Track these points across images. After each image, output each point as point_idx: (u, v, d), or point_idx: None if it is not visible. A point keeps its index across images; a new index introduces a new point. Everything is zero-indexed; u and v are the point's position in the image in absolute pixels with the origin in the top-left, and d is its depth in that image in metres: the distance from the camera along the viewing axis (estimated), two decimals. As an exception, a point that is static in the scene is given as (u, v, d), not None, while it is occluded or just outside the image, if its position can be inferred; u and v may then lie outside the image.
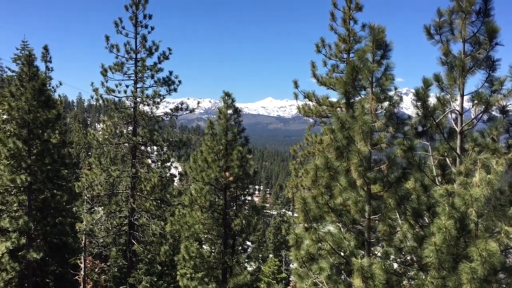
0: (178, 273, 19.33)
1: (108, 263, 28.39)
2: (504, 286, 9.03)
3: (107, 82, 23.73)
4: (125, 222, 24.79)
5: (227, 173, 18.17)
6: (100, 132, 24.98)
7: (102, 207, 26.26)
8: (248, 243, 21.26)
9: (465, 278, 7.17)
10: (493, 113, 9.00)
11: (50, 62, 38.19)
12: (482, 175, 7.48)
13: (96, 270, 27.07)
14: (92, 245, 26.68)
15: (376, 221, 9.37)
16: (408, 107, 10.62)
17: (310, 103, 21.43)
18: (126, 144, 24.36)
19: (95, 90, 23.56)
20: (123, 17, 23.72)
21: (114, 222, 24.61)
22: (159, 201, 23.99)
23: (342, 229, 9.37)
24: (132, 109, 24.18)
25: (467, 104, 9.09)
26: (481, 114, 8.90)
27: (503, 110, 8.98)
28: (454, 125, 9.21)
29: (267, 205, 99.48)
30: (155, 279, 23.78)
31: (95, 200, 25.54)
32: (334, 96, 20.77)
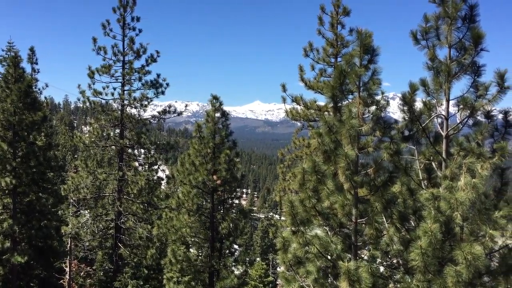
0: (164, 276, 19.23)
1: (93, 267, 28.09)
2: (488, 289, 9.12)
3: (94, 84, 23.61)
4: (111, 226, 24.59)
5: (214, 176, 18.14)
6: (87, 135, 24.79)
7: (88, 210, 26.03)
8: (235, 246, 21.21)
9: (450, 281, 7.23)
10: (478, 118, 9.11)
11: (36, 63, 37.87)
12: (467, 179, 7.56)
13: (82, 274, 26.76)
14: (77, 248, 26.39)
15: (363, 225, 9.41)
16: (395, 111, 10.71)
17: (298, 106, 21.50)
18: (113, 146, 24.20)
19: (82, 92, 23.40)
20: (111, 19, 23.64)
21: (100, 225, 24.39)
22: (146, 204, 23.84)
23: (329, 233, 9.40)
24: (119, 112, 24.03)
25: (452, 109, 9.19)
26: (466, 119, 9.00)
27: (488, 115, 9.09)
28: (440, 130, 9.30)
29: (255, 208, 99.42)
30: (141, 283, 23.61)
31: (81, 203, 25.28)
32: (321, 100, 20.83)
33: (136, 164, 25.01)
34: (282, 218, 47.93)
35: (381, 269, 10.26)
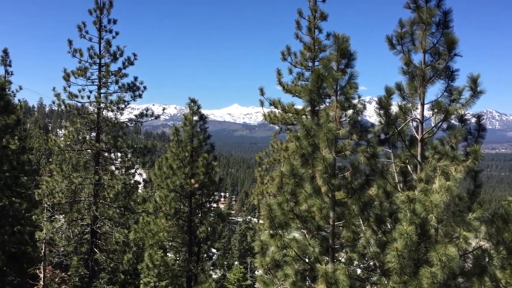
0: (141, 281, 19.04)
1: (68, 273, 27.56)
2: (462, 290, 9.27)
3: (69, 87, 23.24)
4: (87, 230, 24.20)
5: (192, 180, 18.06)
6: (62, 138, 24.38)
7: (63, 215, 25.55)
8: (213, 250, 21.15)
9: (425, 283, 7.34)
10: (452, 121, 9.28)
11: (10, 66, 37.00)
12: (442, 182, 7.69)
13: (56, 280, 26.23)
14: (52, 254, 25.87)
15: (340, 227, 9.47)
16: (371, 115, 10.83)
17: (276, 110, 21.57)
18: (89, 150, 23.85)
19: (57, 95, 23.02)
20: (87, 22, 23.33)
21: (76, 230, 23.98)
22: (122, 209, 23.56)
23: (307, 236, 9.43)
24: (96, 115, 23.71)
25: (427, 113, 9.34)
26: (440, 123, 9.16)
27: (461, 119, 9.27)
28: (415, 133, 9.44)
29: (233, 212, 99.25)
30: (118, 288, 23.29)
31: (56, 208, 24.81)
32: (299, 104, 20.93)
33: (113, 168, 24.70)
34: (260, 221, 47.94)
35: (358, 271, 10.34)
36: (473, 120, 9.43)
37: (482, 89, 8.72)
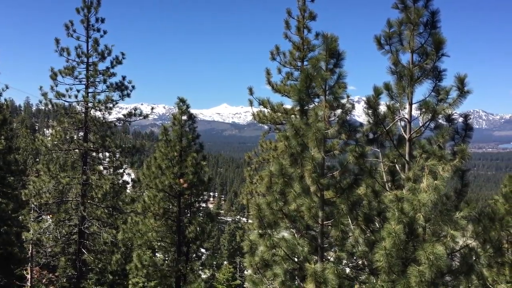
0: (130, 282, 18.97)
1: (56, 274, 27.35)
2: (450, 288, 9.36)
3: (57, 86, 23.03)
4: (74, 231, 24.00)
5: (181, 180, 18.00)
6: (49, 138, 24.14)
7: (51, 216, 25.34)
8: (202, 250, 21.10)
9: (413, 281, 7.38)
10: (440, 121, 9.35)
11: (-4, 64, 36.66)
12: (429, 181, 7.74)
13: (44, 281, 26.00)
14: (39, 255, 25.64)
15: (329, 227, 9.50)
16: (360, 114, 10.88)
17: (265, 110, 21.56)
18: (77, 150, 23.66)
19: (44, 94, 22.81)
20: (74, 20, 23.13)
21: (63, 230, 23.77)
22: (111, 209, 23.41)
23: (296, 235, 9.45)
24: (83, 114, 23.53)
25: (415, 112, 9.40)
26: (428, 122, 9.23)
27: (448, 119, 9.34)
28: (403, 133, 9.50)
29: (222, 211, 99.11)
30: (106, 289, 23.14)
31: (43, 208, 24.59)
32: (288, 103, 20.95)
33: (101, 167, 24.52)
34: (249, 221, 47.94)
35: (347, 270, 10.39)
36: (460, 119, 9.51)
37: (469, 89, 8.80)
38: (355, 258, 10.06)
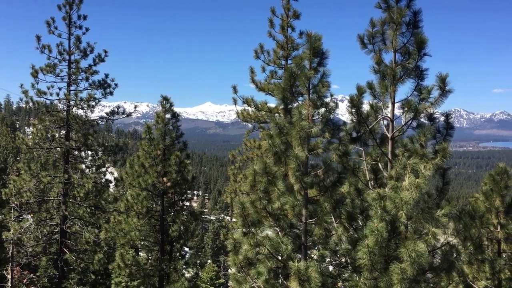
0: (112, 281, 18.82)
1: (37, 274, 26.98)
2: (431, 285, 9.48)
3: (38, 84, 22.65)
4: (56, 230, 23.70)
5: (164, 179, 17.90)
6: (30, 136, 23.78)
7: (32, 215, 24.96)
8: (186, 249, 21.03)
9: (395, 278, 7.46)
10: (422, 120, 9.45)
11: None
12: (411, 179, 7.83)
13: (25, 281, 25.64)
14: (20, 255, 25.27)
15: (313, 225, 9.54)
16: (344, 113, 10.95)
17: (249, 108, 21.58)
18: (58, 148, 23.35)
19: (25, 92, 22.44)
20: (56, 17, 22.80)
21: (45, 230, 23.46)
22: (93, 208, 23.17)
23: (279, 233, 9.47)
24: (65, 113, 23.23)
25: (398, 111, 9.50)
26: (410, 121, 9.33)
27: (430, 117, 9.45)
28: (386, 131, 9.59)
29: (206, 210, 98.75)
30: (89, 289, 22.92)
31: (24, 207, 24.24)
32: (272, 102, 21.01)
33: (83, 166, 24.25)
34: (233, 219, 47.91)
35: (330, 268, 10.45)
36: (442, 118, 9.63)
37: (451, 88, 8.92)
38: (338, 256, 10.13)
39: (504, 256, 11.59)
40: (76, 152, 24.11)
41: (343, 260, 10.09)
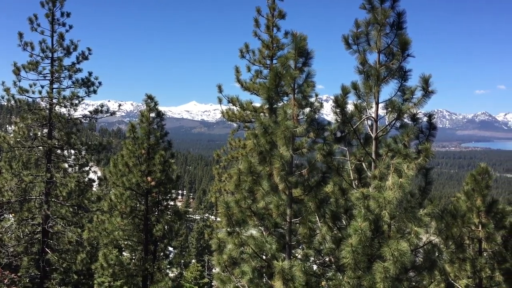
0: (95, 281, 18.65)
1: (19, 274, 26.63)
2: (414, 283, 9.58)
3: (20, 81, 22.35)
4: (38, 230, 23.41)
5: (149, 178, 17.79)
6: (12, 135, 23.45)
7: (13, 214, 24.65)
8: (170, 248, 20.92)
9: (378, 277, 7.52)
10: (405, 120, 9.55)
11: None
12: (395, 179, 7.91)
13: (6, 281, 25.26)
14: (1, 254, 24.90)
15: (297, 224, 9.58)
16: (328, 113, 11.00)
17: (234, 108, 21.57)
18: (41, 147, 23.06)
19: (6, 90, 22.11)
20: (39, 14, 22.53)
21: (26, 230, 23.16)
22: (76, 207, 22.94)
23: (264, 233, 9.48)
24: (48, 111, 22.94)
25: (381, 112, 9.58)
26: (394, 121, 9.41)
27: (413, 118, 9.56)
28: (370, 131, 9.66)
29: (190, 209, 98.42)
30: (71, 289, 22.69)
31: (5, 207, 23.89)
32: (257, 101, 21.03)
33: (66, 165, 23.97)
34: (218, 219, 47.84)
35: (314, 267, 10.50)
36: (425, 119, 9.74)
37: (433, 89, 9.03)
38: (322, 255, 10.19)
39: (485, 255, 11.76)
40: (58, 151, 23.84)
41: (327, 259, 10.15)
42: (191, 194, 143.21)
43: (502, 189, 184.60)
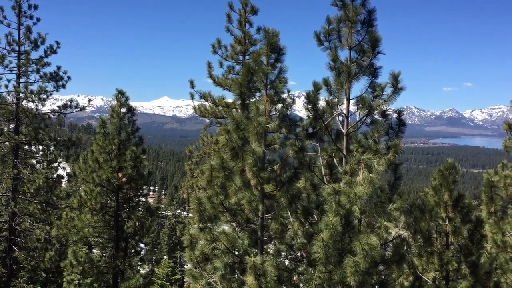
0: (64, 279, 18.33)
1: (-16, 273, 25.96)
2: (383, 277, 9.76)
3: (-15, 75, 21.74)
4: (5, 228, 22.84)
5: (119, 174, 17.57)
6: (-24, 130, 22.78)
7: (-22, 212, 23.93)
8: (142, 245, 20.71)
9: (349, 271, 7.63)
10: (375, 116, 9.70)
11: None
12: (365, 174, 8.03)
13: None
14: (-35, 253, 24.23)
15: (269, 220, 9.63)
16: (300, 109, 11.07)
17: (206, 103, 21.47)
18: (7, 143, 22.48)
19: (-29, 83, 21.48)
20: (5, 6, 21.93)
21: (-8, 227, 22.59)
22: (44, 204, 22.47)
23: (236, 229, 9.49)
24: (14, 106, 22.36)
25: (352, 108, 9.70)
26: (364, 117, 9.55)
27: (383, 114, 9.71)
28: (341, 127, 9.78)
29: (162, 206, 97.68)
30: (39, 287, 22.23)
31: (-30, 204, 23.19)
32: (230, 97, 20.98)
33: (34, 161, 23.44)
34: (190, 215, 47.64)
35: (286, 262, 10.58)
36: (394, 115, 9.91)
37: (403, 86, 9.20)
38: (294, 250, 10.26)
39: (451, 248, 12.05)
40: (26, 147, 23.29)
41: (299, 254, 10.24)
42: (163, 190, 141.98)
43: (468, 184, 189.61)
